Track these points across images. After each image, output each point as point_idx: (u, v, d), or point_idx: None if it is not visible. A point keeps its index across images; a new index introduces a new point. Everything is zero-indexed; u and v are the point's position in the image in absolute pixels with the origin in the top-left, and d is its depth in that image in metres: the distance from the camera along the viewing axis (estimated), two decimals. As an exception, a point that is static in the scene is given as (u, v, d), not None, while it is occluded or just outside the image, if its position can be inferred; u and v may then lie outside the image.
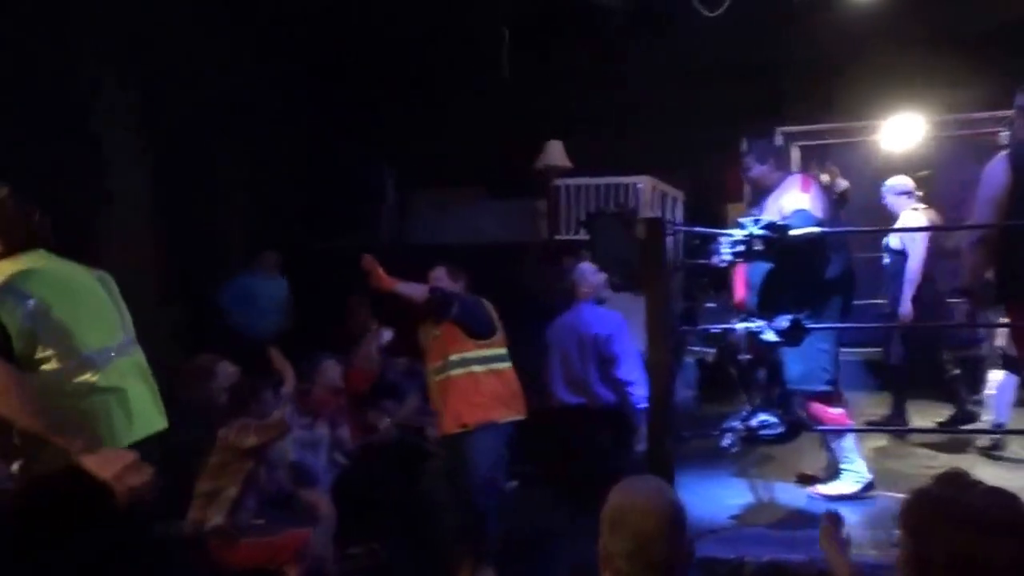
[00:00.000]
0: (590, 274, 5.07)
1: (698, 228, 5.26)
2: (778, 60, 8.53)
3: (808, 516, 4.16)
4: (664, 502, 2.00)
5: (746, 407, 4.26)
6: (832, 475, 4.51)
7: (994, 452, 5.15)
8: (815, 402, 4.29)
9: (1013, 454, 5.15)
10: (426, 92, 9.21)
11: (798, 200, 4.21)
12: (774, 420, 3.78)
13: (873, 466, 4.56)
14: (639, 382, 4.60)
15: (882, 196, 5.96)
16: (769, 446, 4.57)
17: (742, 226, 3.78)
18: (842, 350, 4.55)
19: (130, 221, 6.61)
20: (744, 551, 3.52)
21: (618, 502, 2.01)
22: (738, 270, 6.54)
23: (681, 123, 8.61)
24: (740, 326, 3.93)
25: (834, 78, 8.24)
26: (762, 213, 4.20)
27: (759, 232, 3.72)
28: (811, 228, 3.94)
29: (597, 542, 2.01)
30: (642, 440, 4.24)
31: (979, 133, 8.18)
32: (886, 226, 6.00)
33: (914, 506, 1.77)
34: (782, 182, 4.40)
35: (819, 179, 4.54)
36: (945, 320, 5.77)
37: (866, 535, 3.67)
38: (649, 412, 3.65)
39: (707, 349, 7.69)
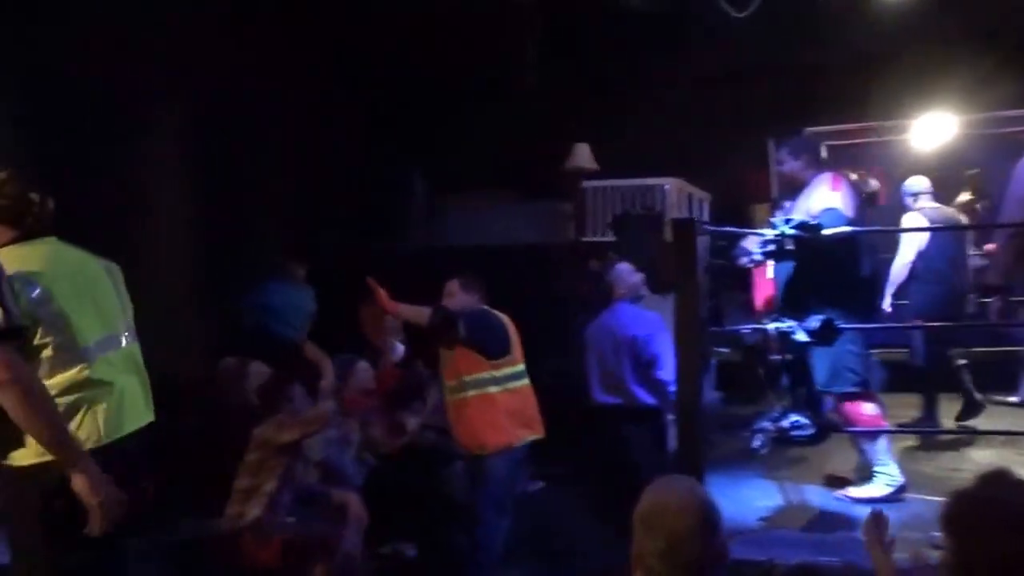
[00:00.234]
0: (627, 274, 5.01)
1: (728, 228, 5.23)
2: (806, 60, 8.46)
3: (839, 519, 4.13)
4: (698, 502, 1.98)
5: (776, 408, 4.24)
6: (864, 478, 4.47)
7: None
8: (848, 403, 4.24)
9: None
10: (455, 96, 9.24)
11: (828, 199, 4.18)
12: (805, 421, 3.76)
13: (904, 468, 4.52)
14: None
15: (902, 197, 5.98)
16: (799, 447, 4.54)
17: (774, 226, 3.76)
18: (871, 351, 4.51)
19: (167, 226, 6.74)
20: (774, 553, 3.50)
21: (651, 501, 1.99)
22: (758, 273, 6.52)
23: (707, 125, 8.58)
24: (771, 326, 3.90)
25: (864, 77, 8.16)
26: (792, 212, 4.18)
27: (791, 231, 3.70)
28: (840, 227, 3.92)
29: (629, 542, 2.01)
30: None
31: (1013, 132, 8.08)
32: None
33: (956, 507, 1.75)
34: (813, 180, 4.38)
35: (849, 178, 4.50)
36: (965, 320, 5.75)
37: (898, 537, 3.63)
38: (678, 414, 3.64)
39: (723, 350, 7.65)
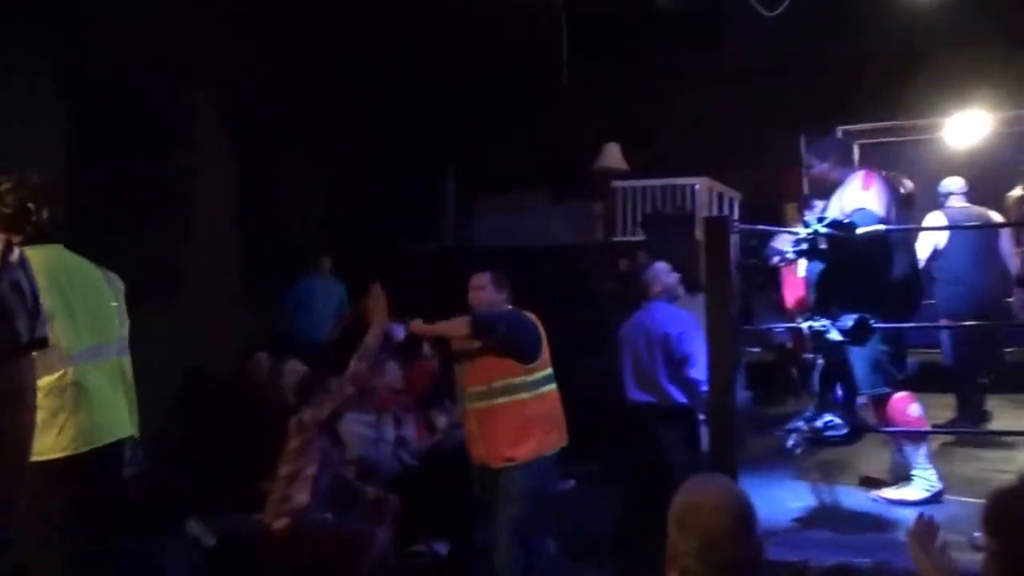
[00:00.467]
0: (663, 274, 5.00)
1: (761, 226, 5.20)
2: (838, 59, 8.39)
3: (873, 520, 4.09)
4: (733, 500, 1.98)
5: (809, 408, 4.21)
6: (900, 479, 4.41)
7: None
8: (892, 403, 4.14)
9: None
10: (488, 98, 9.27)
11: (859, 198, 4.12)
12: (839, 421, 3.73)
13: (940, 470, 4.46)
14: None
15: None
16: (832, 448, 4.50)
17: (807, 224, 3.73)
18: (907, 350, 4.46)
19: (210, 227, 6.89)
20: (808, 554, 3.47)
21: (686, 500, 1.99)
22: (787, 272, 6.48)
23: (738, 123, 8.54)
24: (804, 325, 3.87)
25: (898, 76, 8.07)
26: (824, 211, 4.14)
27: (824, 230, 3.67)
28: (873, 226, 3.88)
29: (665, 541, 2.01)
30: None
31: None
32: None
33: (998, 507, 1.73)
34: (845, 179, 4.33)
35: (885, 176, 4.43)
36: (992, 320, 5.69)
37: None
38: (711, 413, 3.63)
39: (754, 349, 7.61)
